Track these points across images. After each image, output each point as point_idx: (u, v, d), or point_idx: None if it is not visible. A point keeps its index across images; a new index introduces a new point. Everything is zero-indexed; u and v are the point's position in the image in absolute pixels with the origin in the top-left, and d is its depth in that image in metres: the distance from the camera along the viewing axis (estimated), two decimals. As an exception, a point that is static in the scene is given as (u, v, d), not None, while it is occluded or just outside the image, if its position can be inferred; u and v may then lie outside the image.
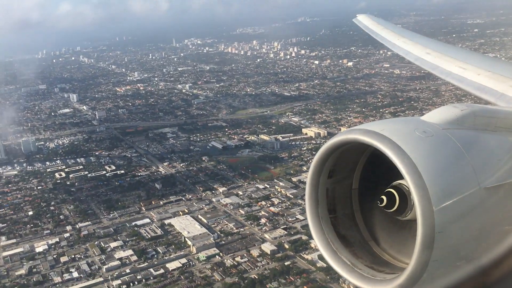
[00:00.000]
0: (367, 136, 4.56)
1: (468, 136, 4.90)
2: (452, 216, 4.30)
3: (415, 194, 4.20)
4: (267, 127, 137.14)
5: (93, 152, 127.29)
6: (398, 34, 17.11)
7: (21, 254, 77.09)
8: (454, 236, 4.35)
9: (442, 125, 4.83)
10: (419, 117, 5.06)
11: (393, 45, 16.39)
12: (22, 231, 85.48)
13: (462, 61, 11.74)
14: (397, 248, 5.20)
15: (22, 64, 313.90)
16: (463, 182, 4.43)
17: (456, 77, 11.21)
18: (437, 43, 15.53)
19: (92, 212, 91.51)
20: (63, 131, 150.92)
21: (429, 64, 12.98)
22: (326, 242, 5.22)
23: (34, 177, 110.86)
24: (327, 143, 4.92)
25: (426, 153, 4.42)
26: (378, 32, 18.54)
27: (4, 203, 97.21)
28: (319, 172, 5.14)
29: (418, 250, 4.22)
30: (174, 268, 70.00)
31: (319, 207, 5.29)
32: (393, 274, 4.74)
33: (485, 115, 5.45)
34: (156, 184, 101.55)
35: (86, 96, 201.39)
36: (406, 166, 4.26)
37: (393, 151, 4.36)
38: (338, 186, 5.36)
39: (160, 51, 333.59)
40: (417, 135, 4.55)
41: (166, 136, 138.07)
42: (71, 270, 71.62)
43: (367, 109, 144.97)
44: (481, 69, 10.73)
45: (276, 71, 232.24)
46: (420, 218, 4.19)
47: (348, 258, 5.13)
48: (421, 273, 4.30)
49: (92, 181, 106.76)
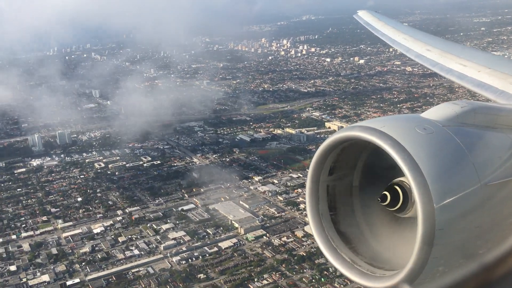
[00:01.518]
0: (368, 133, 4.58)
1: (469, 133, 4.88)
2: (453, 213, 4.30)
3: (416, 191, 4.23)
4: (290, 121, 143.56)
5: (126, 144, 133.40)
6: (398, 30, 17.09)
7: (81, 234, 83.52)
8: (455, 233, 4.36)
9: (442, 122, 4.82)
10: (419, 114, 5.09)
11: (393, 42, 16.44)
12: (75, 215, 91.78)
13: (462, 58, 11.86)
14: (397, 245, 5.17)
15: (35, 61, 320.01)
16: (464, 179, 4.43)
17: (457, 74, 11.27)
18: (438, 40, 15.64)
19: (138, 198, 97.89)
20: (92, 124, 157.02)
21: (430, 61, 13.04)
22: (326, 239, 5.25)
23: (75, 167, 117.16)
24: (327, 140, 4.96)
25: (427, 150, 4.42)
26: (378, 28, 18.56)
27: (51, 191, 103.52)
28: (319, 169, 5.17)
29: (418, 247, 4.25)
30: (226, 247, 76.51)
31: (320, 204, 5.31)
32: (393, 270, 4.75)
33: (485, 112, 5.39)
34: (193, 173, 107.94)
35: (107, 91, 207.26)
36: (407, 163, 4.28)
37: (393, 148, 4.37)
38: (338, 183, 5.40)
39: (170, 48, 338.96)
40: (417, 132, 4.55)
41: (193, 129, 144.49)
42: (131, 248, 78.12)
43: (385, 105, 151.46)
44: (481, 66, 10.85)
45: (289, 68, 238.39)
46: (421, 215, 4.21)
47: (348, 255, 5.16)
48: (421, 270, 4.33)
49: (131, 170, 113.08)
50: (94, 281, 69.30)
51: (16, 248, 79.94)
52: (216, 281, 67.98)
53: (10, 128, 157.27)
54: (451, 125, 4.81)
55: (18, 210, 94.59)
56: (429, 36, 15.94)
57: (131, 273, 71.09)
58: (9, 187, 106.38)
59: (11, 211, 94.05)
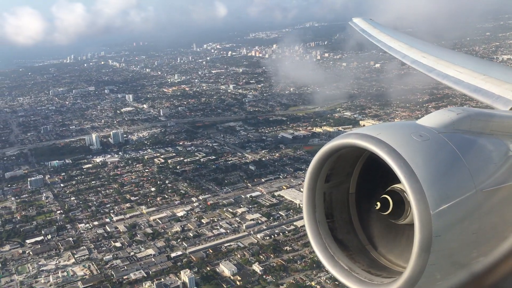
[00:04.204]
0: (364, 140, 4.61)
1: (464, 140, 4.90)
2: (449, 220, 4.35)
3: (412, 198, 4.26)
4: (325, 121, 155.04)
5: (176, 143, 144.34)
6: (393, 38, 17.18)
7: (167, 217, 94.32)
8: (452, 240, 4.40)
9: (438, 129, 4.83)
10: (415, 121, 5.09)
11: (389, 48, 16.45)
12: (154, 202, 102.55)
13: (457, 65, 11.89)
14: (394, 252, 5.25)
15: (55, 68, 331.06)
16: (460, 185, 4.46)
17: (453, 79, 11.32)
18: (433, 46, 15.64)
19: (206, 187, 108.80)
20: (137, 126, 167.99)
21: (426, 67, 13.12)
22: (323, 247, 5.25)
23: (137, 163, 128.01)
24: (324, 147, 4.97)
25: (423, 157, 4.46)
26: (374, 35, 18.76)
27: (124, 182, 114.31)
28: (316, 176, 5.18)
29: (415, 254, 4.27)
30: (302, 225, 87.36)
31: (317, 211, 5.32)
32: (390, 278, 4.76)
33: (481, 118, 5.36)
34: (250, 166, 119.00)
35: (138, 96, 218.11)
36: (402, 170, 4.32)
37: (389, 155, 4.42)
38: (335, 191, 5.42)
39: (183, 55, 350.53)
40: (413, 139, 4.59)
41: (235, 128, 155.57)
42: (216, 227, 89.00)
43: (411, 105, 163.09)
44: (476, 72, 10.91)
45: (308, 72, 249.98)
46: (418, 222, 4.24)
47: (345, 262, 5.16)
48: (418, 277, 4.35)
49: (190, 164, 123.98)
50: (194, 253, 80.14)
51: (114, 229, 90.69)
52: (301, 252, 79.02)
53: (60, 130, 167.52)
54: (447, 132, 4.80)
55: (101, 199, 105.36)
56: (424, 43, 16.08)
57: (224, 247, 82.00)
58: (83, 180, 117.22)
59: (94, 200, 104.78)
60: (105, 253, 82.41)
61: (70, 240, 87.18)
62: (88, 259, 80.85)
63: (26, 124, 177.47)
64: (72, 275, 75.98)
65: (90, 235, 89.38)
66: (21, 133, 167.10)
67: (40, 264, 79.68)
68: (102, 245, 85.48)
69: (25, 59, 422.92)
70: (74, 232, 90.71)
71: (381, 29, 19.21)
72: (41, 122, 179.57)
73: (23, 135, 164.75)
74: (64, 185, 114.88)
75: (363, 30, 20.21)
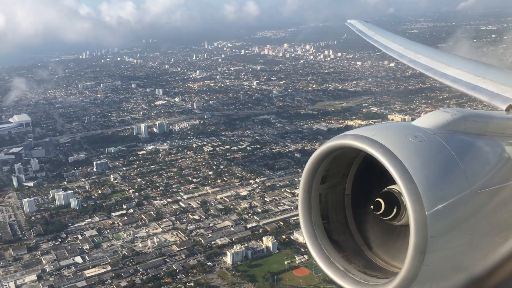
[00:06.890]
0: (359, 141, 4.67)
1: (459, 141, 4.97)
2: (445, 221, 4.39)
3: (408, 198, 4.30)
4: (354, 115, 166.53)
5: (218, 133, 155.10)
6: (389, 39, 17.37)
7: (232, 196, 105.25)
8: (447, 241, 4.44)
9: (433, 130, 4.92)
10: (410, 122, 5.18)
11: (386, 48, 16.63)
12: (215, 184, 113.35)
13: (452, 67, 11.98)
14: (390, 253, 5.33)
15: (74, 64, 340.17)
16: (454, 186, 4.50)
17: (451, 78, 11.37)
18: (428, 48, 15.80)
19: (260, 172, 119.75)
20: (174, 117, 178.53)
21: (423, 66, 13.21)
22: (319, 248, 5.33)
23: (188, 150, 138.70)
24: (319, 148, 5.06)
25: (418, 158, 4.51)
26: (371, 36, 18.99)
27: (182, 167, 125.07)
28: (312, 177, 5.29)
29: (410, 255, 4.33)
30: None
31: (312, 213, 5.39)
32: (386, 279, 4.82)
33: (476, 119, 5.46)
34: (295, 154, 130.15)
35: (166, 91, 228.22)
36: (398, 171, 4.36)
37: (385, 156, 4.47)
38: (331, 192, 5.50)
39: (197, 52, 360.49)
40: (408, 140, 4.65)
41: (270, 121, 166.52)
42: (281, 204, 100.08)
43: (432, 101, 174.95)
44: (471, 74, 11.03)
45: (325, 71, 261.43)
46: (413, 222, 4.28)
47: (341, 263, 5.24)
48: (414, 278, 4.39)
49: (238, 152, 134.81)
50: (268, 225, 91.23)
51: (187, 205, 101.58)
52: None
53: (102, 120, 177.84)
54: (442, 133, 4.86)
55: (165, 180, 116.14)
56: (419, 45, 16.23)
57: (292, 220, 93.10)
58: (142, 165, 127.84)
59: (160, 181, 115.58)
60: (187, 224, 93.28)
61: (151, 213, 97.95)
62: (173, 228, 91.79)
63: (67, 115, 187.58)
64: (164, 240, 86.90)
65: (167, 209, 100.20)
66: (65, 123, 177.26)
67: (133, 232, 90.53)
68: (182, 217, 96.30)
69: (39, 54, 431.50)
70: (152, 207, 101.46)
71: (376, 30, 19.53)
72: (81, 113, 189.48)
73: (68, 124, 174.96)
74: (126, 168, 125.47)
75: (359, 31, 20.59)
